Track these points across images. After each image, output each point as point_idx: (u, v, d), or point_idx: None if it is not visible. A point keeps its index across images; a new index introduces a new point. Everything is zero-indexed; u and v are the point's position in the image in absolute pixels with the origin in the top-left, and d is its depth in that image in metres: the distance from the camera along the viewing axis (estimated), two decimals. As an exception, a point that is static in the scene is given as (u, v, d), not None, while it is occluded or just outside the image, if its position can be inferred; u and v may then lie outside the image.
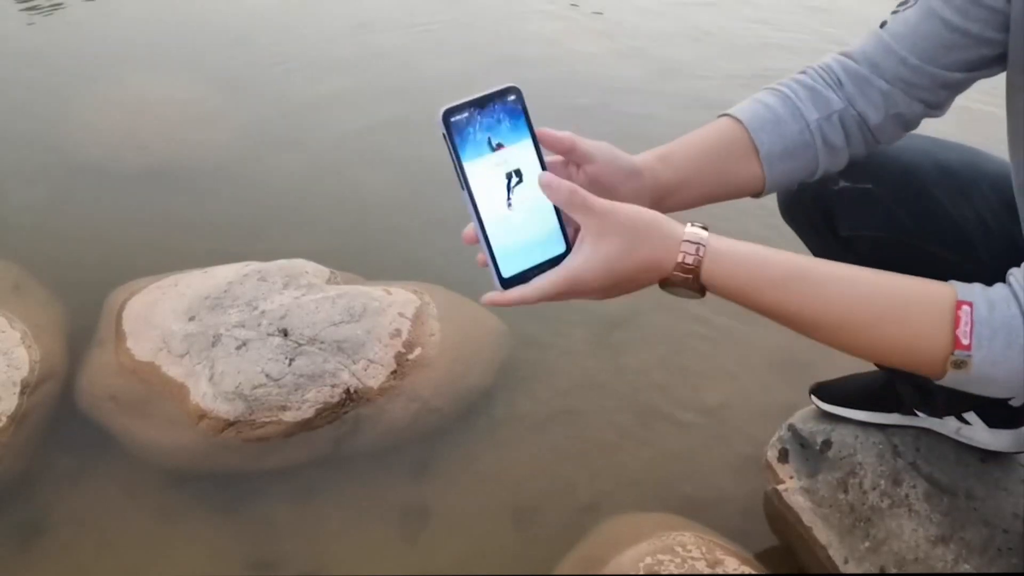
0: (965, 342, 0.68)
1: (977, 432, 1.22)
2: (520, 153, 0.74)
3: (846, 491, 1.27)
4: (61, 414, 1.52)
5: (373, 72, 2.75)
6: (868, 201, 1.03)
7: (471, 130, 0.72)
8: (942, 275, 0.72)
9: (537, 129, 0.75)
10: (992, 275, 0.72)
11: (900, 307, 0.71)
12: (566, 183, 0.73)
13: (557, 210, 0.76)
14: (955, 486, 1.22)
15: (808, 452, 1.35)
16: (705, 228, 0.73)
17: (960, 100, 0.92)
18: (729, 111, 0.90)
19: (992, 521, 1.18)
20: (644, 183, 0.82)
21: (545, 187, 0.73)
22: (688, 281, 0.73)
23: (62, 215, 2.06)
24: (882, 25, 0.90)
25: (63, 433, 1.49)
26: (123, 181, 2.18)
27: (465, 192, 0.73)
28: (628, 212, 0.73)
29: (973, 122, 1.64)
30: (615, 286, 0.74)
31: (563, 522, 1.38)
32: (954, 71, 0.86)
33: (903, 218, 1.02)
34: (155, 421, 1.47)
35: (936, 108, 0.91)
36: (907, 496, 1.23)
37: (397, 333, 1.57)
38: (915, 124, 0.93)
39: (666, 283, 0.74)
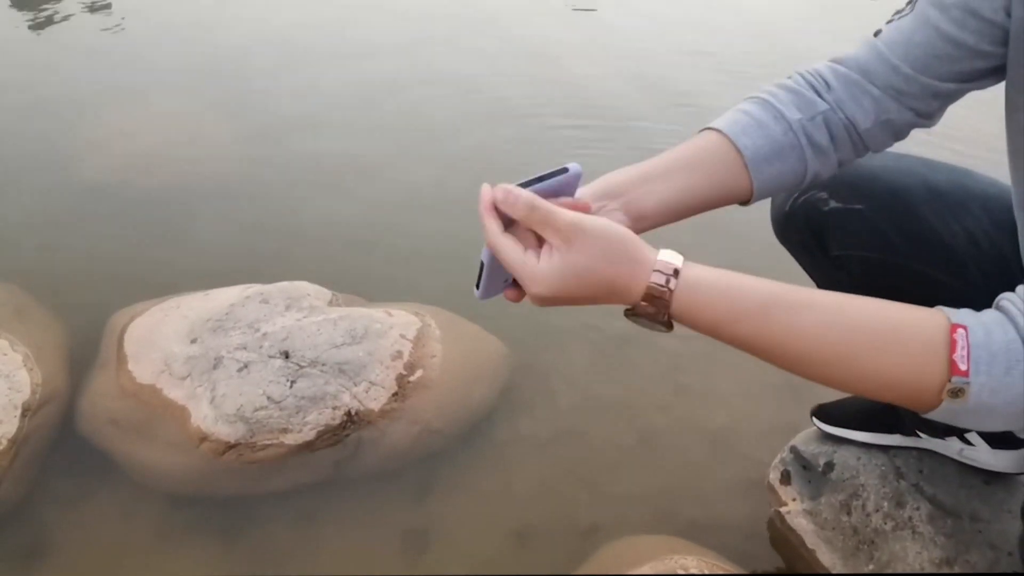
0: (963, 367, 0.63)
1: (980, 453, 1.21)
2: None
3: (849, 513, 1.27)
4: (62, 437, 1.51)
5: (374, 96, 2.78)
6: (858, 222, 1.03)
7: None
8: (933, 295, 0.70)
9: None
10: (984, 294, 0.70)
11: (890, 334, 0.66)
12: (524, 195, 0.68)
13: None
14: (959, 508, 1.21)
15: (811, 474, 1.35)
16: (680, 254, 0.68)
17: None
18: (709, 124, 0.88)
19: (997, 544, 1.17)
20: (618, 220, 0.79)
21: (501, 203, 0.69)
22: (655, 314, 0.68)
23: (65, 237, 2.07)
24: (876, 34, 0.90)
25: (64, 456, 1.49)
26: (125, 203, 2.19)
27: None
28: (596, 229, 0.68)
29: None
30: (569, 297, 0.69)
31: (565, 545, 1.38)
32: (946, 81, 0.85)
33: (893, 238, 1.02)
34: (156, 444, 1.47)
35: (927, 118, 0.90)
36: (911, 518, 1.23)
37: (398, 355, 1.57)
38: (905, 133, 0.93)
39: (631, 312, 0.70)
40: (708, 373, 1.70)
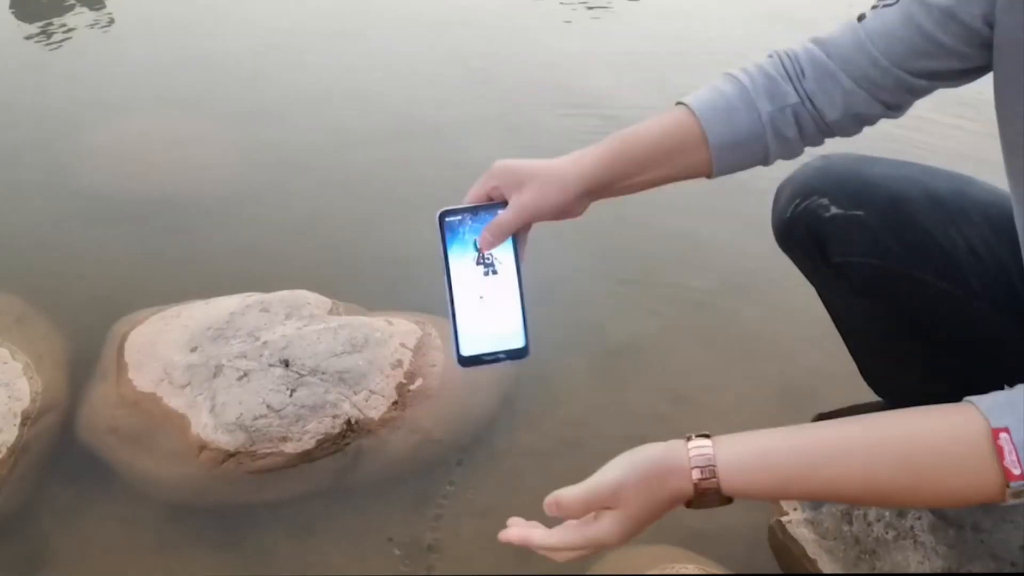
0: (1016, 472, 0.64)
1: (982, 462, 1.21)
2: (500, 255, 0.84)
3: (850, 523, 1.26)
4: (62, 446, 1.51)
5: (377, 103, 2.78)
6: (858, 229, 1.04)
7: (461, 230, 0.85)
8: (932, 303, 0.71)
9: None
10: (984, 302, 0.71)
11: (936, 459, 0.67)
12: (569, 499, 0.78)
13: (524, 310, 0.83)
14: (961, 518, 1.21)
15: (812, 483, 1.34)
16: (706, 436, 0.75)
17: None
18: (685, 99, 0.91)
19: (1000, 554, 1.16)
20: (573, 191, 0.87)
21: (554, 515, 0.79)
22: (713, 501, 0.74)
23: (66, 246, 2.07)
24: (860, 18, 0.90)
25: (63, 465, 1.49)
26: (126, 212, 2.19)
27: (445, 278, 0.82)
28: (632, 479, 0.74)
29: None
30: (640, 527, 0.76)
31: (565, 555, 1.37)
32: (920, 78, 0.87)
33: (892, 246, 1.02)
34: (156, 453, 1.47)
35: (895, 109, 0.92)
36: (912, 528, 1.22)
37: (399, 364, 1.57)
38: (873, 122, 0.94)
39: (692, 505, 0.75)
40: (708, 383, 1.70)
